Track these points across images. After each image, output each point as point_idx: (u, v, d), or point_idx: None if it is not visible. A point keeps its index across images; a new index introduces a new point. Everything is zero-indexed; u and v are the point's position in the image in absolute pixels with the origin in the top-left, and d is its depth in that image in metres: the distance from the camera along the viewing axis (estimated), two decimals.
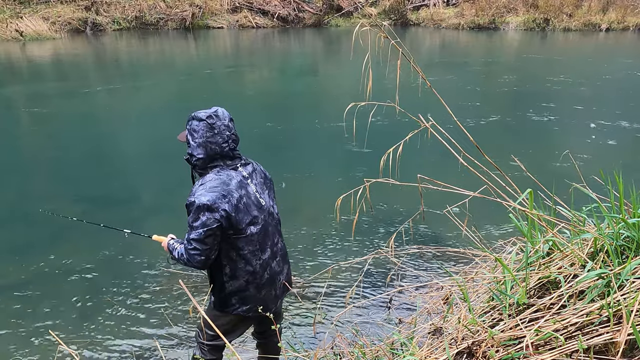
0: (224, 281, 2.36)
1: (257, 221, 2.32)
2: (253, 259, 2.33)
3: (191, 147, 2.28)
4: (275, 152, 7.20)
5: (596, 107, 9.05)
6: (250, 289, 2.37)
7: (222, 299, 2.40)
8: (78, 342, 3.32)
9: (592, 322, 1.79)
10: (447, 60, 15.37)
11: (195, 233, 2.19)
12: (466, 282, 2.77)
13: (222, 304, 2.41)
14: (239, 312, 2.40)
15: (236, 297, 2.38)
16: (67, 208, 5.32)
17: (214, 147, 2.26)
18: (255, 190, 2.37)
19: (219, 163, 2.29)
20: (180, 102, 9.99)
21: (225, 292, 2.38)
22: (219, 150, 2.27)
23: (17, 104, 10.28)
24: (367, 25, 2.62)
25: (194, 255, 2.23)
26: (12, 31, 18.10)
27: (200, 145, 2.25)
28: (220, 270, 2.35)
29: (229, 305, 2.40)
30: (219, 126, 2.25)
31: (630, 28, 19.73)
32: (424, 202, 2.87)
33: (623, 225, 2.12)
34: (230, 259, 2.32)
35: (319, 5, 23.83)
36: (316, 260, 4.26)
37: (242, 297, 2.38)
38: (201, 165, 2.29)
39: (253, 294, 2.38)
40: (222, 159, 2.29)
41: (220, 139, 2.26)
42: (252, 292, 2.38)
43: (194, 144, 2.26)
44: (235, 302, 2.39)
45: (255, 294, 2.39)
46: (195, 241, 2.20)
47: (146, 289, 3.90)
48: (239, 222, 2.24)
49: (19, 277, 4.08)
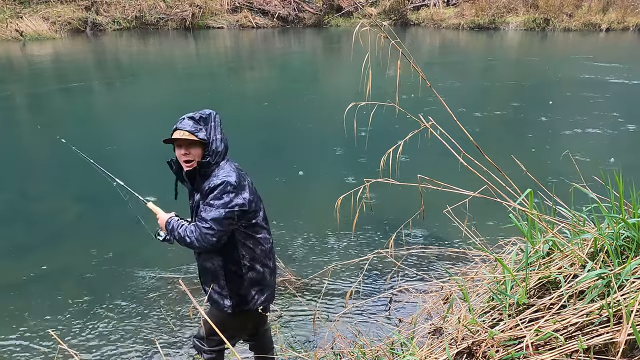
0: (242, 274, 2.34)
1: (262, 206, 2.42)
2: (266, 243, 2.41)
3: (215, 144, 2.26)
4: (275, 152, 7.20)
5: (596, 107, 9.05)
6: (266, 275, 2.42)
7: (243, 297, 2.38)
8: (78, 342, 3.32)
9: (592, 322, 1.79)
10: (447, 60, 15.37)
11: (216, 212, 2.16)
12: (466, 282, 2.76)
13: (243, 301, 2.38)
14: (257, 305, 2.40)
15: (255, 288, 2.39)
16: (68, 207, 5.33)
17: (226, 140, 2.34)
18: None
19: (226, 157, 2.35)
20: (180, 102, 9.98)
21: (244, 286, 2.36)
22: (227, 143, 2.35)
23: (17, 103, 10.28)
24: (367, 25, 2.62)
25: (206, 235, 2.17)
26: (12, 31, 18.13)
27: (222, 140, 2.30)
28: (238, 262, 2.34)
29: (249, 301, 2.39)
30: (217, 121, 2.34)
31: (630, 28, 19.74)
32: (424, 202, 2.86)
33: (623, 225, 2.12)
34: (248, 247, 2.34)
35: (319, 5, 23.85)
36: (316, 260, 4.26)
37: (261, 286, 2.41)
38: (217, 160, 2.28)
39: (269, 280, 2.44)
40: (226, 152, 2.36)
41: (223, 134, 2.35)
42: (268, 279, 2.43)
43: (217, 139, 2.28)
44: (255, 294, 2.39)
45: (270, 280, 2.45)
46: (214, 221, 2.16)
47: (146, 289, 3.90)
48: (256, 205, 2.33)
49: (19, 277, 4.08)
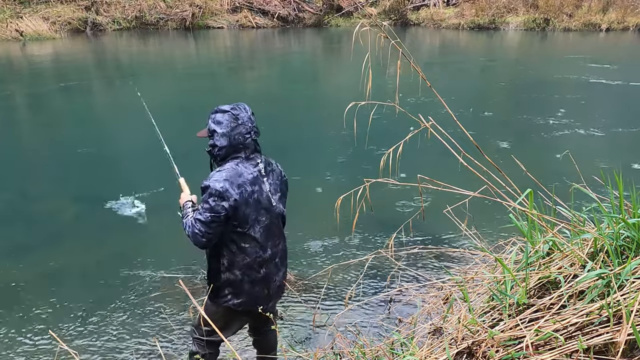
0: (220, 270, 2.39)
1: (263, 219, 2.36)
2: (253, 255, 2.36)
3: (215, 138, 2.32)
4: (275, 152, 7.18)
5: (597, 107, 9.05)
6: (244, 284, 2.39)
7: (216, 288, 2.43)
8: (78, 342, 3.32)
9: (592, 322, 1.79)
10: (447, 60, 15.37)
11: (203, 215, 2.25)
12: (466, 282, 2.76)
13: (216, 293, 2.44)
14: (229, 305, 2.41)
15: (229, 288, 2.40)
16: (68, 207, 5.33)
17: (238, 137, 2.31)
18: (269, 190, 2.39)
19: (240, 155, 2.34)
20: (180, 101, 9.96)
21: (220, 281, 2.40)
22: (242, 141, 2.32)
23: (17, 103, 10.28)
24: (367, 25, 2.62)
25: (196, 235, 2.27)
26: (12, 31, 18.10)
27: (224, 135, 2.30)
28: (219, 260, 2.38)
29: (220, 296, 2.42)
30: (242, 117, 2.32)
31: (630, 28, 19.73)
32: (424, 202, 2.86)
33: (623, 225, 2.11)
34: (230, 251, 2.35)
35: (319, 5, 23.83)
36: (316, 260, 4.26)
37: (236, 289, 2.39)
38: (223, 155, 2.33)
39: (246, 288, 2.40)
40: (244, 150, 2.34)
41: (244, 129, 2.31)
42: (245, 287, 2.40)
43: (218, 133, 2.31)
44: (227, 293, 2.40)
45: (249, 289, 2.40)
46: (201, 223, 2.25)
47: (146, 289, 3.90)
48: (246, 216, 2.29)
49: (19, 277, 4.09)
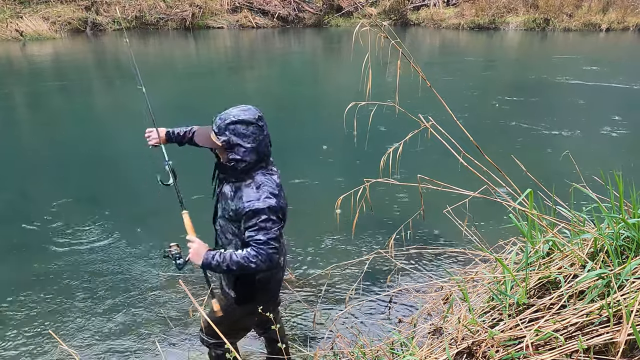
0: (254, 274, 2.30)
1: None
2: (283, 248, 2.44)
3: (238, 152, 2.17)
4: (275, 152, 7.18)
5: (597, 107, 9.05)
6: (272, 282, 2.42)
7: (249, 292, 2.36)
8: (78, 342, 3.32)
9: (592, 322, 1.79)
10: (447, 60, 15.37)
11: (272, 233, 2.14)
12: (466, 282, 2.76)
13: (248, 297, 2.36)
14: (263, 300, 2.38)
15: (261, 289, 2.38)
16: (68, 207, 5.33)
17: (264, 149, 2.23)
18: None
19: (263, 165, 2.25)
20: (180, 101, 9.97)
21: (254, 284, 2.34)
22: (267, 152, 2.25)
23: (17, 103, 10.28)
24: (367, 25, 2.62)
25: (272, 255, 2.15)
26: (12, 31, 18.10)
27: (253, 151, 2.17)
28: None
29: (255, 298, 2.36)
30: (265, 127, 2.22)
31: (630, 28, 19.72)
32: (424, 202, 2.87)
33: (623, 225, 2.12)
34: None
35: (319, 5, 23.83)
36: (316, 260, 4.26)
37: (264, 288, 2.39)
38: (248, 169, 2.20)
39: (272, 286, 2.44)
40: (266, 159, 2.27)
41: (268, 139, 2.25)
42: (272, 286, 2.43)
43: (246, 148, 2.16)
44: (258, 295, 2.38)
45: (274, 286, 2.46)
46: (274, 240, 2.15)
47: (146, 290, 3.90)
48: (285, 216, 2.32)
49: (19, 277, 4.08)
